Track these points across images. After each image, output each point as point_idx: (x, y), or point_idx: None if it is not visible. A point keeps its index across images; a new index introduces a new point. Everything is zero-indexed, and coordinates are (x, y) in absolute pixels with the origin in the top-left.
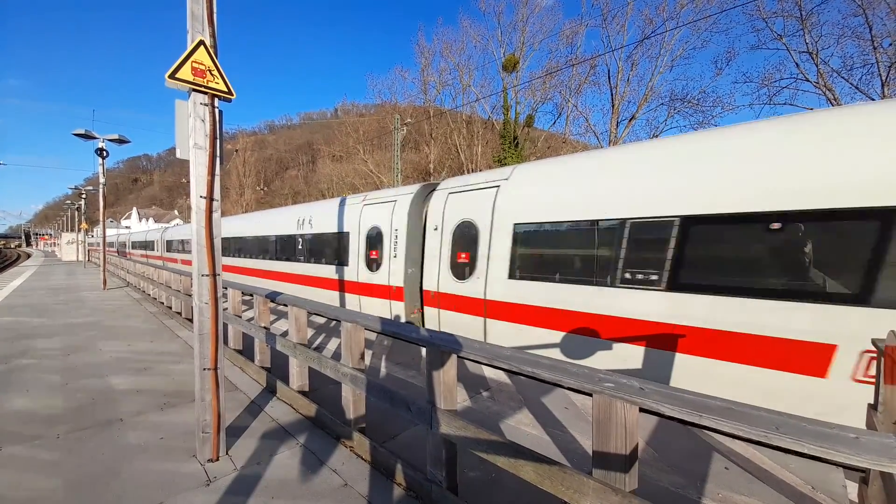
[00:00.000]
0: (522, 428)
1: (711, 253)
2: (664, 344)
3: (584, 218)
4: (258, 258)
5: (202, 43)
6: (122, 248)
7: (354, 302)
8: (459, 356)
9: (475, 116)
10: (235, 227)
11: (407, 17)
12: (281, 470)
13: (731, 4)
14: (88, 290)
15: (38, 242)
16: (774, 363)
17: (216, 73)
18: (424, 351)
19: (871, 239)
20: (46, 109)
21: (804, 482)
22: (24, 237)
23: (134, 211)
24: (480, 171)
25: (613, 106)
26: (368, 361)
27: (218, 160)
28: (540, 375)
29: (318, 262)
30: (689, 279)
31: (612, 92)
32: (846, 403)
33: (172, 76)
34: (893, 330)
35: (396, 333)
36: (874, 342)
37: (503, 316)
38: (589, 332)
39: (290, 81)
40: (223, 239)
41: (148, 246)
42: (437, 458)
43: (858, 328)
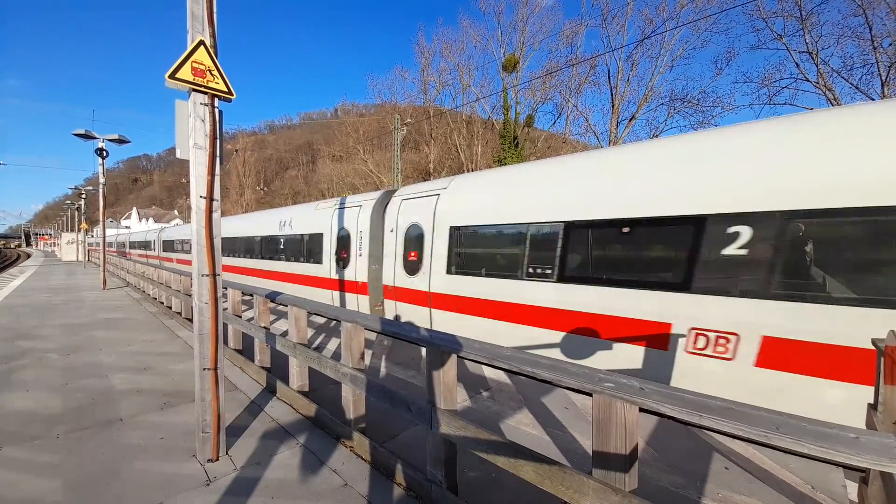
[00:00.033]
0: (522, 428)
1: (582, 250)
2: (559, 325)
3: (499, 222)
4: (246, 257)
5: (202, 43)
6: (121, 248)
7: (327, 296)
8: (459, 356)
9: (475, 116)
10: (226, 228)
11: (407, 17)
12: (281, 470)
13: (731, 4)
14: (88, 290)
15: (37, 242)
16: (635, 338)
17: (216, 73)
18: (424, 351)
19: (686, 241)
20: (46, 109)
21: (804, 482)
22: (23, 237)
23: (134, 211)
24: (480, 170)
25: (613, 106)
26: (368, 361)
27: (218, 160)
28: (540, 375)
29: (297, 260)
30: (570, 272)
31: (612, 92)
32: (684, 370)
33: (172, 76)
34: (893, 330)
35: (396, 333)
36: (874, 342)
37: (443, 306)
38: (507, 317)
39: (290, 81)
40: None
41: (146, 246)
42: (437, 457)
43: (686, 311)
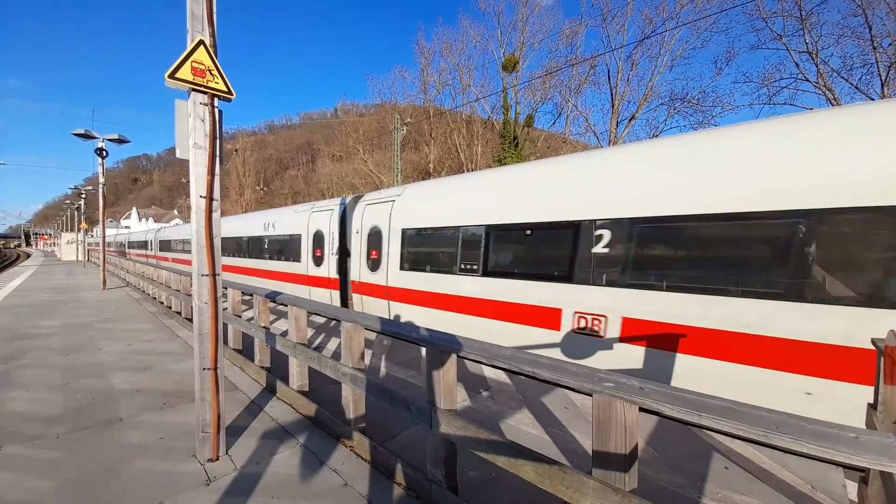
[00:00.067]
0: (522, 427)
1: (509, 249)
2: (484, 312)
3: (439, 225)
4: (235, 256)
5: (202, 43)
6: (120, 247)
7: (305, 292)
8: (459, 356)
9: (475, 116)
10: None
11: (407, 17)
12: (281, 469)
13: (730, 4)
14: (88, 289)
15: (37, 242)
16: (535, 322)
17: (216, 72)
18: (424, 350)
19: (568, 242)
20: (46, 109)
21: (804, 482)
22: (23, 237)
23: (134, 211)
24: (480, 170)
25: (613, 106)
26: (368, 361)
27: (218, 160)
28: (540, 375)
29: (278, 259)
30: (498, 269)
31: (611, 92)
32: (571, 346)
33: (172, 76)
34: (893, 330)
35: (396, 333)
36: (874, 342)
37: (398, 298)
38: (446, 306)
39: (290, 81)
40: None
41: (143, 245)
42: (436, 457)
43: (571, 298)
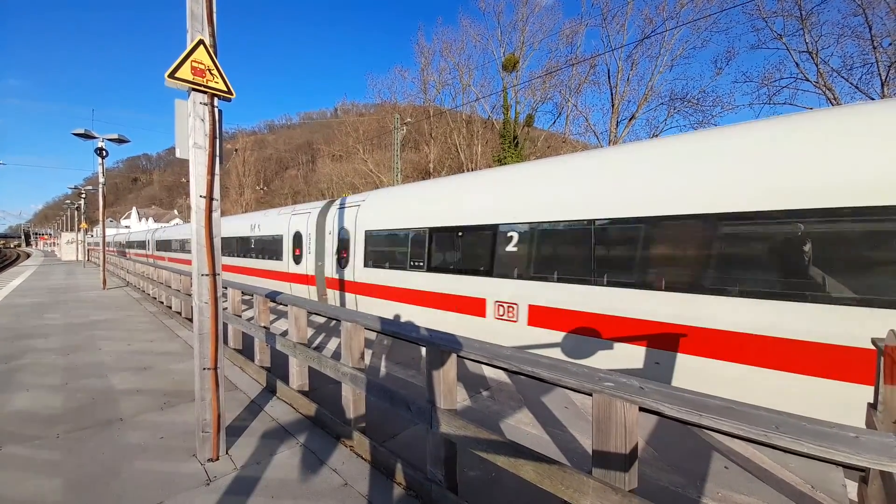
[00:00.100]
0: (522, 427)
1: (447, 248)
2: (429, 303)
3: (394, 227)
4: (224, 255)
5: (202, 42)
6: (119, 247)
7: (287, 287)
8: (459, 355)
9: (475, 116)
10: None
11: (407, 17)
12: (281, 469)
13: (731, 4)
14: (88, 289)
15: (37, 242)
16: (468, 310)
17: (216, 72)
18: (424, 350)
19: (488, 241)
20: (46, 109)
21: (804, 481)
22: (23, 237)
23: (133, 210)
24: (480, 169)
25: (613, 105)
26: (368, 361)
27: (217, 160)
28: (540, 375)
29: (263, 257)
30: (439, 265)
31: (611, 91)
32: (494, 331)
33: (172, 75)
34: (893, 329)
35: (396, 333)
36: (874, 341)
37: (363, 292)
38: (400, 299)
39: (290, 81)
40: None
41: (142, 245)
42: (436, 457)
43: (491, 290)
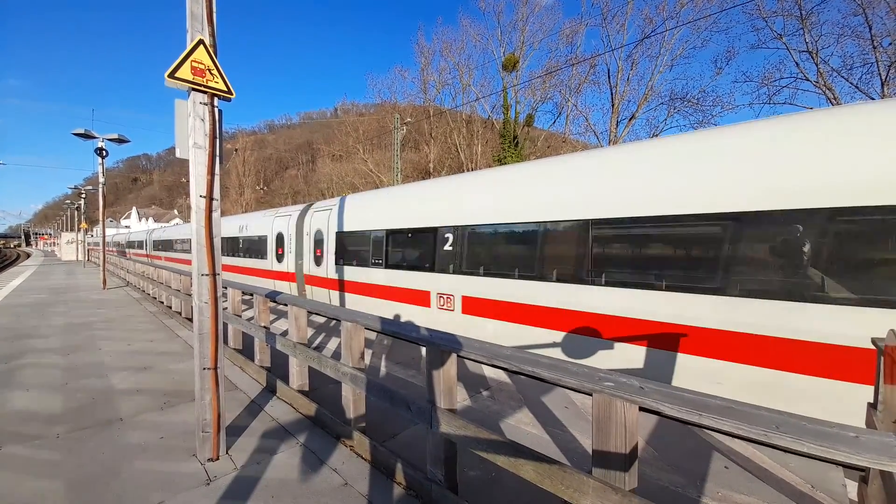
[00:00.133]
0: (522, 427)
1: (400, 247)
2: (387, 296)
3: (356, 229)
4: None
5: (202, 42)
6: (119, 247)
7: (271, 284)
8: (459, 355)
9: (475, 116)
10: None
11: (407, 17)
12: (281, 469)
13: (731, 4)
14: (88, 289)
15: (37, 242)
16: (418, 302)
17: (216, 72)
18: (424, 350)
19: (431, 241)
20: (46, 109)
21: (804, 481)
22: (23, 237)
23: (133, 210)
24: (480, 169)
25: (613, 105)
26: (368, 361)
27: (217, 159)
28: (540, 375)
29: (250, 256)
30: (394, 262)
31: (611, 91)
32: (436, 319)
33: (172, 75)
34: (893, 329)
35: (396, 333)
36: (874, 341)
37: (335, 287)
38: (365, 293)
39: (290, 81)
40: (190, 240)
41: (140, 245)
42: (436, 457)
43: (434, 283)
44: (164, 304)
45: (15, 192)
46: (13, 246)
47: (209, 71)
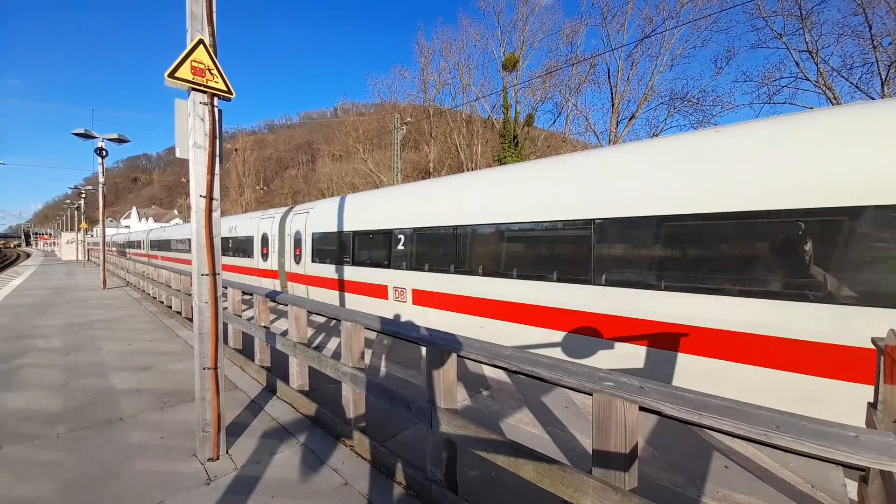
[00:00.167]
0: (522, 427)
1: (364, 247)
2: (353, 290)
3: (330, 230)
4: None
5: (201, 42)
6: (120, 247)
7: (257, 281)
8: (459, 355)
9: (475, 115)
10: (187, 230)
11: (407, 16)
12: (281, 469)
13: (731, 3)
14: (88, 289)
15: (37, 242)
16: (378, 295)
17: (216, 72)
18: (424, 350)
19: (388, 241)
20: (46, 109)
21: (804, 480)
22: (23, 237)
23: (133, 210)
24: (480, 169)
25: (613, 105)
26: (368, 361)
27: (217, 159)
28: (540, 374)
29: (239, 255)
30: (359, 260)
31: (611, 91)
32: (392, 310)
33: (172, 75)
34: (893, 329)
35: (396, 333)
36: (874, 341)
37: (313, 284)
38: (336, 287)
39: (290, 81)
40: (186, 239)
41: (138, 245)
42: (437, 456)
43: (390, 278)
44: (164, 303)
45: (15, 192)
46: (13, 246)
47: (209, 71)
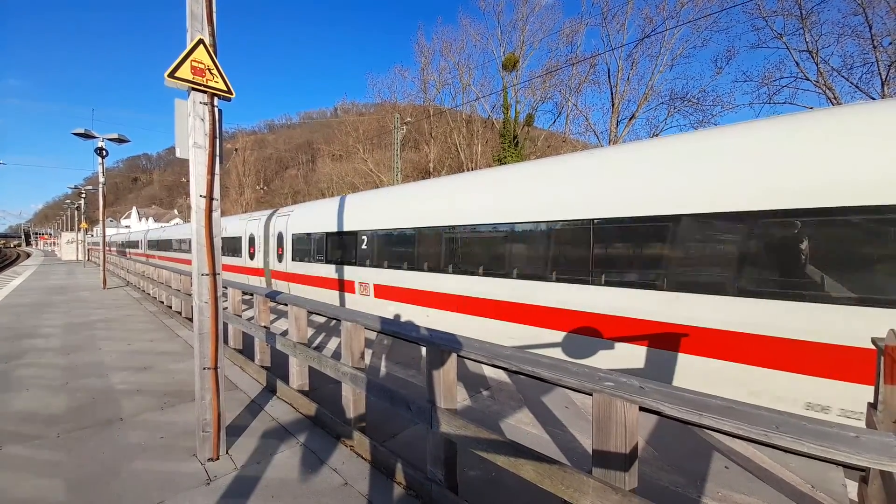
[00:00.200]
0: (522, 427)
1: (338, 246)
2: (328, 286)
3: (309, 231)
4: None
5: (201, 42)
6: (119, 247)
7: (245, 278)
8: (459, 355)
9: (475, 115)
10: (184, 231)
11: (407, 16)
12: (281, 469)
13: (731, 3)
14: (88, 289)
15: (37, 242)
16: (346, 290)
17: (216, 71)
18: (424, 350)
19: (354, 241)
20: (46, 109)
21: (804, 481)
22: (23, 237)
23: (133, 210)
24: (480, 169)
25: (613, 105)
26: (368, 361)
27: (217, 159)
28: (540, 374)
29: (229, 255)
30: (331, 258)
31: (612, 91)
32: (356, 302)
33: (172, 75)
34: (894, 329)
35: (397, 333)
36: (874, 341)
37: (293, 280)
38: (314, 284)
39: (290, 81)
40: (182, 239)
41: (137, 245)
42: (437, 457)
43: (356, 274)
44: (164, 303)
45: (15, 192)
46: (13, 246)
47: (209, 70)
